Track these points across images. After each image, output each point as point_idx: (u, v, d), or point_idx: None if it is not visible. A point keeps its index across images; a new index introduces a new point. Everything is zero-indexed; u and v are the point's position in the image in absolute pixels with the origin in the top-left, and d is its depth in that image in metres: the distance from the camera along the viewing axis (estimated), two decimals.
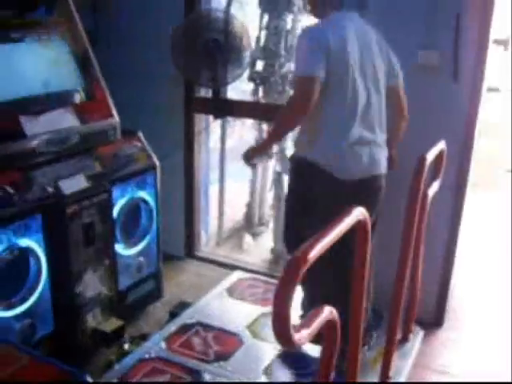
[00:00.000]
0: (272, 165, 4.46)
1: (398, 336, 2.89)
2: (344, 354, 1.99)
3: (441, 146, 2.75)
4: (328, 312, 1.61)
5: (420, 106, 3.15)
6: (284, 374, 2.90)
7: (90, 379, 1.32)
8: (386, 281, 2.68)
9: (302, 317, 2.80)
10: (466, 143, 3.16)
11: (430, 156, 2.61)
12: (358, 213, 1.77)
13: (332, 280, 2.76)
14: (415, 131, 3.13)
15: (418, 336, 3.25)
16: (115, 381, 2.77)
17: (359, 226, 1.81)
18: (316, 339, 1.59)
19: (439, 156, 2.77)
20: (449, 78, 3.07)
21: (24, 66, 2.89)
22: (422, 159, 2.53)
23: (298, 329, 1.43)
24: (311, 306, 1.68)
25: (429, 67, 3.10)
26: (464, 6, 2.96)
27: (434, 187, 2.81)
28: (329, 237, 1.56)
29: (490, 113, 5.17)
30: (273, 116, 2.98)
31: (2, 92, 2.72)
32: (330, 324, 1.63)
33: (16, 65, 2.86)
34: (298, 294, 2.96)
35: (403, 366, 2.97)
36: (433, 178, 2.83)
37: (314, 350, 2.64)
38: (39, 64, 2.96)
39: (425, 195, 2.67)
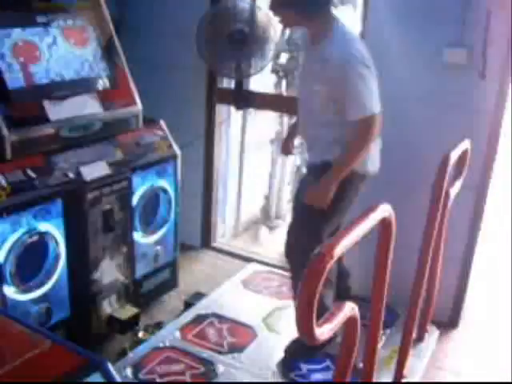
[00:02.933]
0: (291, 158, 4.44)
1: (414, 335, 2.87)
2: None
3: (465, 145, 2.72)
4: (349, 308, 1.59)
5: (445, 105, 3.13)
6: (299, 368, 2.88)
7: (110, 366, 1.32)
8: (403, 279, 2.65)
9: None
10: (490, 143, 3.12)
11: (454, 155, 2.58)
12: (384, 210, 1.75)
13: None
14: (440, 130, 3.11)
15: (433, 336, 3.23)
16: (129, 368, 2.78)
17: (384, 223, 1.79)
18: None
19: (463, 155, 2.74)
20: (475, 77, 3.02)
21: (48, 50, 2.89)
22: (446, 158, 2.50)
23: (321, 324, 1.42)
24: None
25: (456, 65, 3.05)
26: (494, 3, 2.92)
27: (457, 187, 2.79)
28: (354, 233, 1.55)
29: None
30: (295, 109, 2.95)
31: (26, 76, 2.74)
32: (350, 320, 1.62)
33: (40, 49, 2.86)
34: None
35: (418, 365, 2.96)
36: (455, 177, 2.80)
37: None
38: (63, 49, 2.96)
39: (447, 195, 2.64)
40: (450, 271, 3.27)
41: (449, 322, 3.49)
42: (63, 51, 2.95)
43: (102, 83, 3.08)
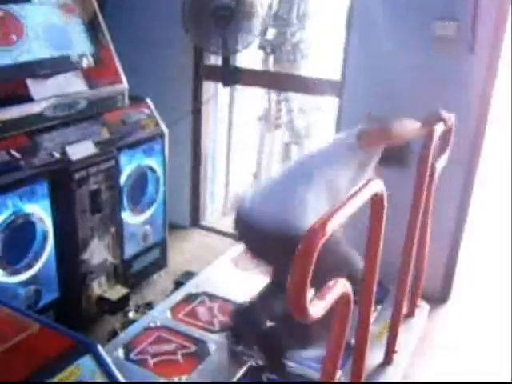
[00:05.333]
0: (279, 134, 4.41)
1: (404, 311, 2.87)
2: None
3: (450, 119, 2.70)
4: (342, 285, 1.58)
5: (433, 78, 3.11)
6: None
7: (100, 348, 1.30)
8: (393, 255, 2.63)
9: None
10: (479, 117, 3.10)
11: (439, 129, 2.56)
12: (375, 185, 1.73)
13: None
14: (428, 104, 3.07)
15: (423, 311, 3.24)
16: (120, 349, 2.77)
17: (375, 198, 1.77)
18: None
19: (448, 129, 2.71)
20: (465, 50, 2.99)
21: (32, 27, 2.82)
22: (431, 131, 2.48)
23: (313, 301, 1.41)
24: None
25: (445, 39, 3.02)
26: None
27: (443, 160, 2.77)
28: (346, 209, 1.53)
29: None
30: (283, 85, 2.92)
31: (9, 54, 2.67)
32: (343, 298, 1.61)
33: (23, 27, 2.79)
34: None
35: (409, 340, 2.96)
36: (441, 151, 2.79)
37: None
38: (47, 26, 2.89)
39: (433, 168, 2.62)
40: (440, 246, 3.28)
41: (439, 297, 3.50)
42: (45, 28, 2.88)
43: (87, 61, 3.02)
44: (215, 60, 3.87)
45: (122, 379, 1.30)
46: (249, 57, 3.96)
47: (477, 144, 3.17)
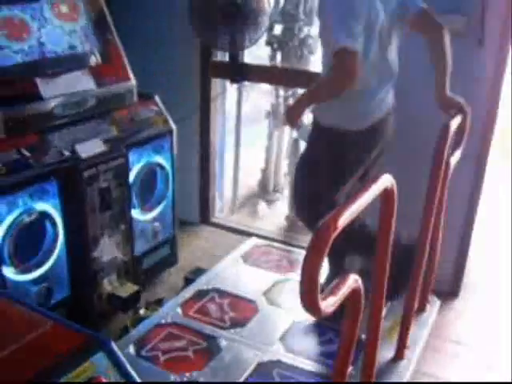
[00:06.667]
0: (288, 131, 4.40)
1: (415, 306, 2.86)
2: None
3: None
4: (353, 281, 1.58)
5: None
6: (300, 342, 2.88)
7: (114, 345, 1.30)
8: None
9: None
10: (489, 111, 3.09)
11: (454, 124, 2.55)
12: (385, 180, 1.73)
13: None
14: None
15: (434, 306, 3.23)
16: (131, 346, 2.78)
17: (385, 193, 1.77)
18: None
19: (462, 124, 2.70)
20: (474, 44, 2.98)
21: (38, 26, 2.82)
22: (446, 127, 2.47)
23: (325, 297, 1.41)
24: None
25: (454, 32, 2.99)
26: None
27: (457, 156, 2.76)
28: (357, 203, 1.53)
29: None
30: (291, 81, 2.93)
31: (18, 54, 2.69)
32: (354, 293, 1.60)
33: (30, 25, 2.80)
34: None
35: (420, 335, 2.96)
36: (455, 146, 2.78)
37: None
38: (53, 25, 2.90)
39: (447, 164, 2.61)
40: (451, 241, 3.26)
41: (450, 292, 3.49)
42: (53, 27, 2.89)
43: (95, 59, 3.03)
44: (222, 57, 3.86)
45: (135, 376, 1.31)
46: (257, 53, 3.96)
47: (486, 138, 3.15)
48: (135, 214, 3.18)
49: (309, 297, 1.34)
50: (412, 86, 3.10)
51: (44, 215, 2.64)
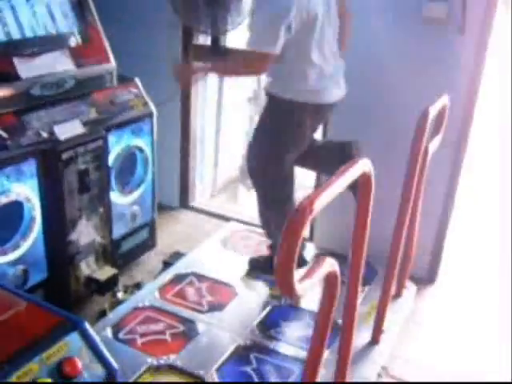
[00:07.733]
0: None
1: (392, 291, 2.89)
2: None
3: (444, 100, 2.70)
4: (329, 264, 1.58)
5: (423, 59, 3.10)
6: (278, 326, 2.90)
7: (88, 326, 1.30)
8: (381, 236, 2.65)
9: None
10: (469, 98, 3.10)
11: (433, 111, 2.56)
12: (363, 164, 1.73)
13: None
14: (418, 85, 3.08)
15: (411, 292, 3.26)
16: (108, 329, 2.77)
17: (363, 178, 1.77)
18: None
19: (442, 111, 2.72)
20: (454, 32, 2.99)
21: (18, 6, 2.78)
22: (425, 114, 2.48)
23: (301, 279, 1.41)
24: None
25: (435, 20, 3.01)
26: None
27: (436, 143, 2.77)
28: (333, 187, 1.53)
29: None
30: None
31: None
32: (330, 276, 1.61)
33: (9, 5, 2.75)
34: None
35: (396, 320, 2.99)
36: (434, 133, 2.79)
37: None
38: (33, 5, 2.86)
39: (426, 151, 2.63)
40: (428, 227, 3.29)
41: (426, 278, 3.53)
42: (32, 6, 2.85)
43: (74, 40, 2.99)
44: (204, 40, 3.84)
45: (109, 357, 1.30)
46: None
47: (466, 125, 3.17)
48: (114, 196, 3.16)
49: (284, 278, 1.34)
50: (391, 73, 3.12)
51: (21, 197, 2.61)
